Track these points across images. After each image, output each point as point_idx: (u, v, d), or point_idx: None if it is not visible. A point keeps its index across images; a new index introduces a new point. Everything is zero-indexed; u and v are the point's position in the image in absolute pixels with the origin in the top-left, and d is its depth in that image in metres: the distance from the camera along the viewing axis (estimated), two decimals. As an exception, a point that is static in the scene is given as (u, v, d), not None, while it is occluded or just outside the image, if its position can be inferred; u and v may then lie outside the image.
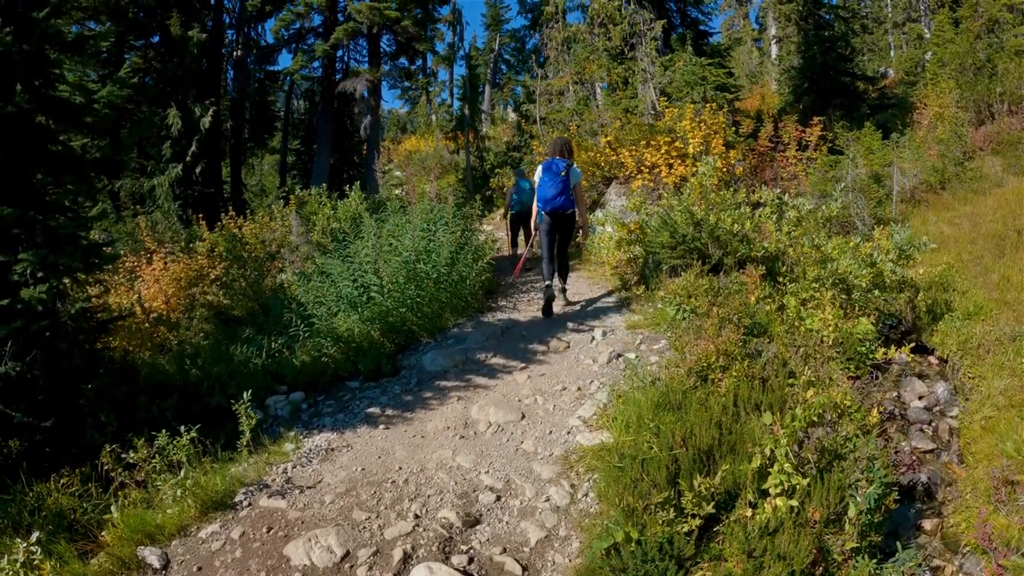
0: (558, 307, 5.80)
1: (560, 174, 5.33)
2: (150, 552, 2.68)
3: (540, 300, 5.91)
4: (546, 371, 4.41)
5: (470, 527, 2.84)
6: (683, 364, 3.68)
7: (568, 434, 3.55)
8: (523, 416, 3.80)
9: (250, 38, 16.03)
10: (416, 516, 2.89)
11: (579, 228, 5.85)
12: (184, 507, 2.93)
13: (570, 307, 5.85)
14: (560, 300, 5.83)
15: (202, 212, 10.02)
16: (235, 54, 15.47)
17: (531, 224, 6.58)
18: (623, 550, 2.42)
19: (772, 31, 21.67)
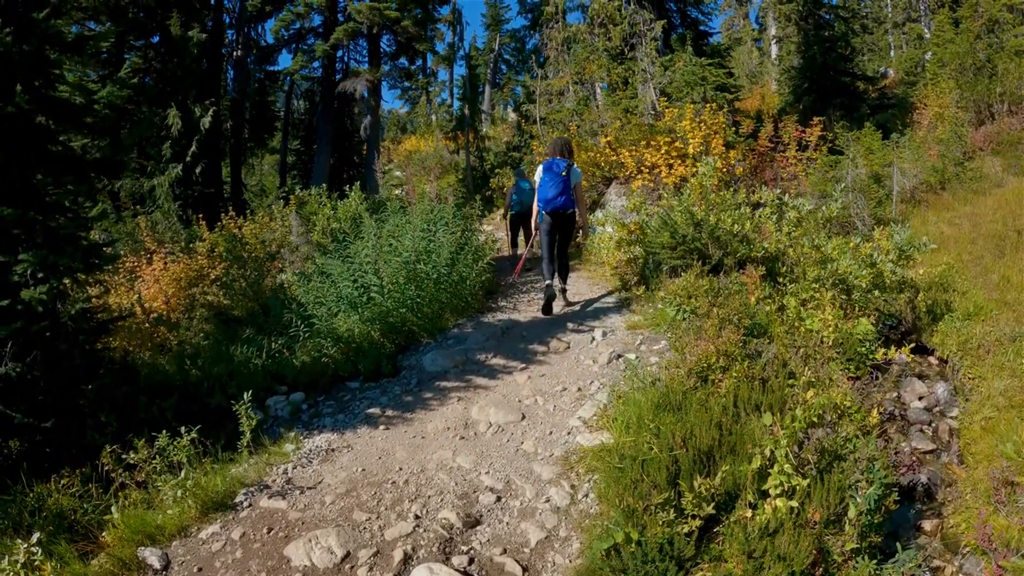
0: (558, 307, 5.81)
1: (561, 174, 5.33)
2: (150, 553, 2.68)
3: (540, 300, 5.91)
4: (546, 372, 4.42)
5: (470, 528, 2.84)
6: (683, 365, 3.68)
7: (568, 435, 3.55)
8: (523, 417, 3.81)
9: (250, 38, 16.04)
10: (416, 517, 2.90)
11: (579, 228, 5.86)
12: (184, 508, 2.93)
13: (570, 307, 5.85)
14: (560, 300, 5.83)
15: (202, 212, 10.02)
16: (235, 54, 15.48)
17: (531, 224, 6.59)
18: (623, 551, 2.42)
19: (772, 31, 21.67)
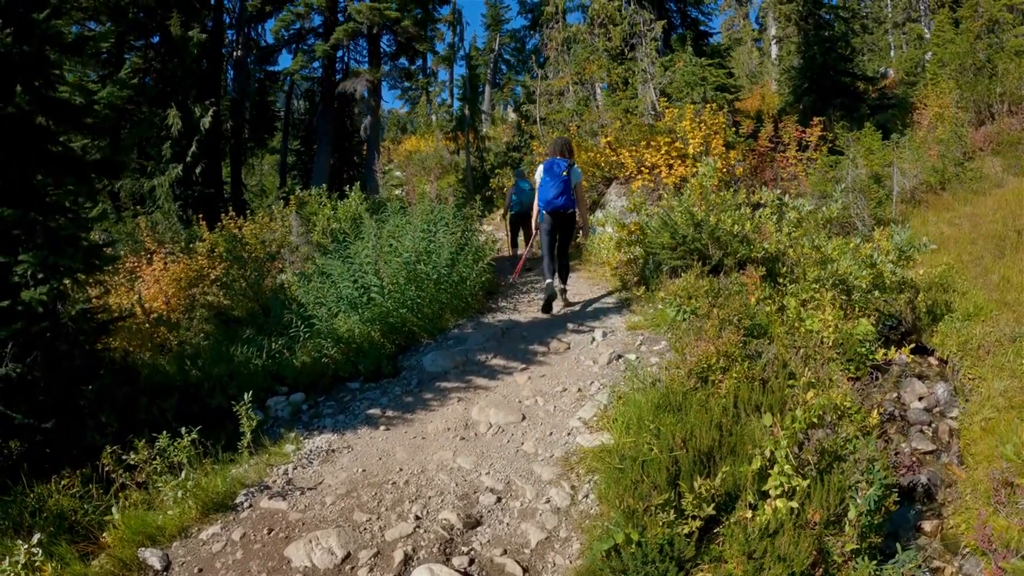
0: (558, 308, 5.81)
1: (561, 174, 5.33)
2: (151, 554, 2.68)
3: (540, 301, 5.92)
4: (546, 372, 4.42)
5: (471, 528, 2.85)
6: (683, 365, 3.68)
7: (568, 435, 3.55)
8: (524, 417, 3.81)
9: (250, 38, 16.04)
10: (417, 517, 2.90)
11: (579, 228, 5.86)
12: (185, 508, 2.93)
13: (570, 308, 5.85)
14: (560, 301, 5.84)
15: (202, 212, 10.03)
16: (235, 54, 15.48)
17: (531, 224, 6.59)
18: (623, 552, 2.42)
19: (772, 31, 21.68)
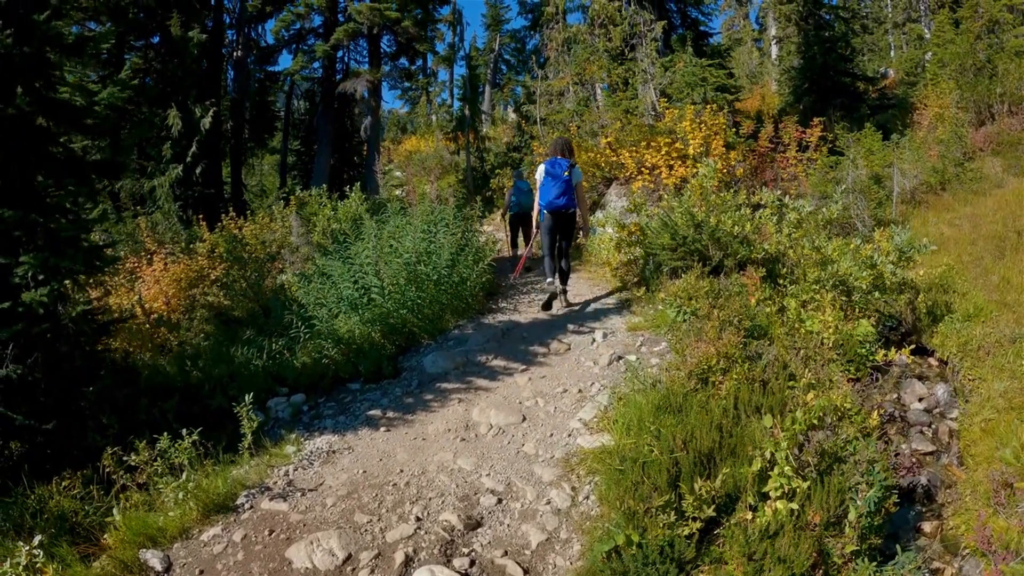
0: (558, 308, 5.82)
1: (563, 174, 5.34)
2: (152, 555, 2.68)
3: (540, 301, 5.93)
4: (547, 373, 4.42)
5: (471, 530, 2.85)
6: (684, 367, 3.68)
7: (569, 436, 3.56)
8: (524, 418, 3.81)
9: (250, 38, 16.04)
10: (417, 519, 2.90)
11: (580, 228, 5.86)
12: (186, 510, 2.93)
13: (570, 308, 5.85)
14: (561, 302, 5.84)
15: (202, 213, 10.04)
16: (235, 54, 15.48)
17: (531, 224, 6.60)
18: (624, 553, 2.42)
19: (772, 31, 21.69)
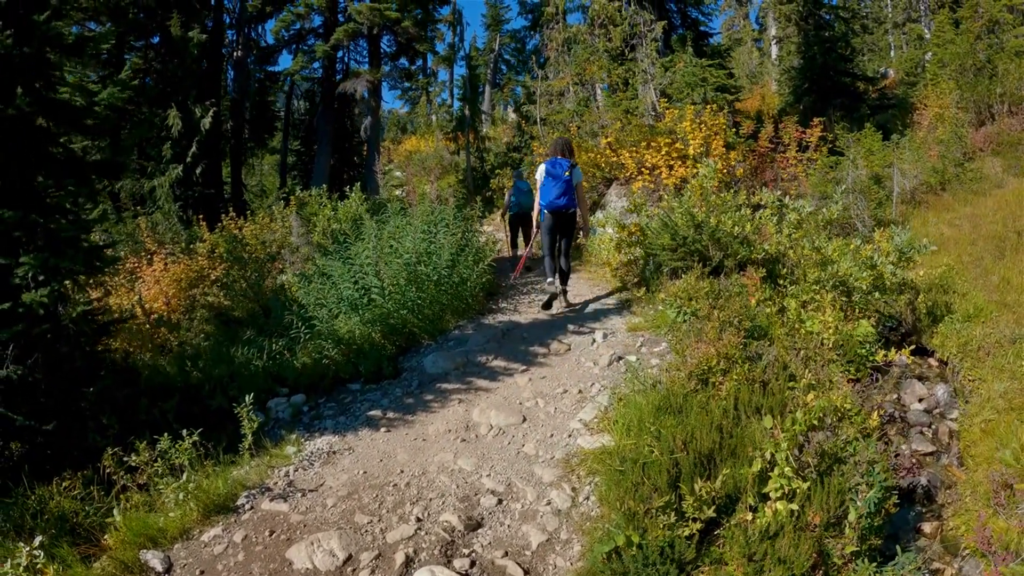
0: (558, 308, 5.82)
1: (564, 175, 5.35)
2: (152, 556, 2.69)
3: (540, 302, 5.94)
4: (547, 373, 4.42)
5: (472, 530, 2.85)
6: (684, 367, 3.68)
7: (569, 437, 3.56)
8: (524, 419, 3.81)
9: (250, 39, 16.04)
10: (418, 519, 2.90)
11: (580, 229, 5.86)
12: (186, 510, 2.93)
13: (571, 308, 5.85)
14: (561, 302, 5.85)
15: (202, 213, 10.04)
16: (235, 55, 15.48)
17: (531, 224, 6.60)
18: (624, 554, 2.43)
19: (772, 31, 21.69)
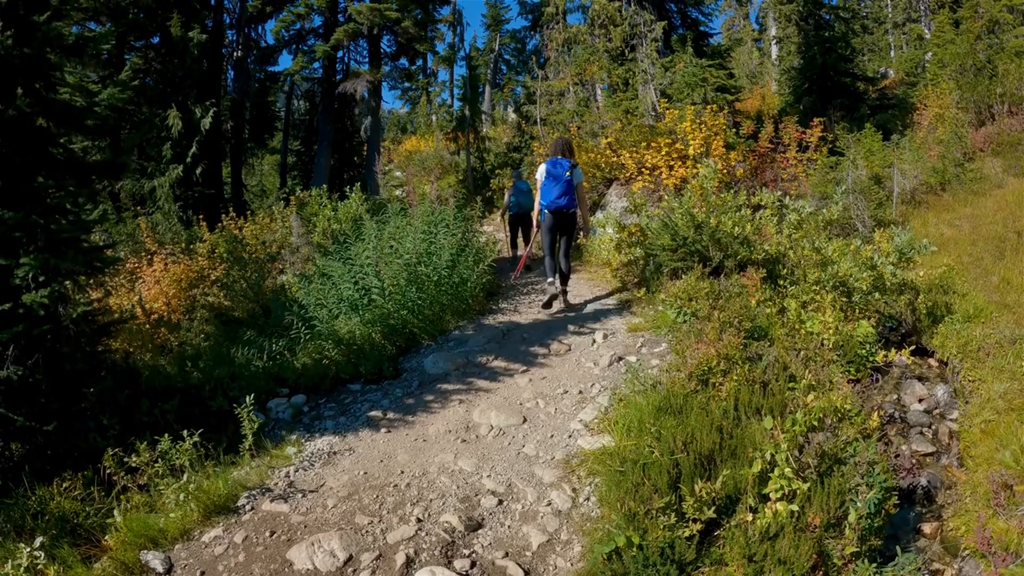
0: (558, 308, 5.82)
1: (565, 175, 5.37)
2: (153, 556, 2.69)
3: (540, 302, 5.94)
4: (547, 374, 4.42)
5: (472, 531, 2.85)
6: (684, 368, 3.68)
7: (569, 438, 3.56)
8: (524, 419, 3.81)
9: (250, 39, 16.04)
10: (418, 520, 2.90)
11: (580, 229, 5.87)
12: (187, 511, 2.93)
13: (571, 309, 5.86)
14: (561, 302, 5.85)
15: (203, 213, 10.03)
16: (235, 55, 15.47)
17: (531, 224, 6.61)
18: (624, 554, 2.43)
19: (772, 32, 21.70)
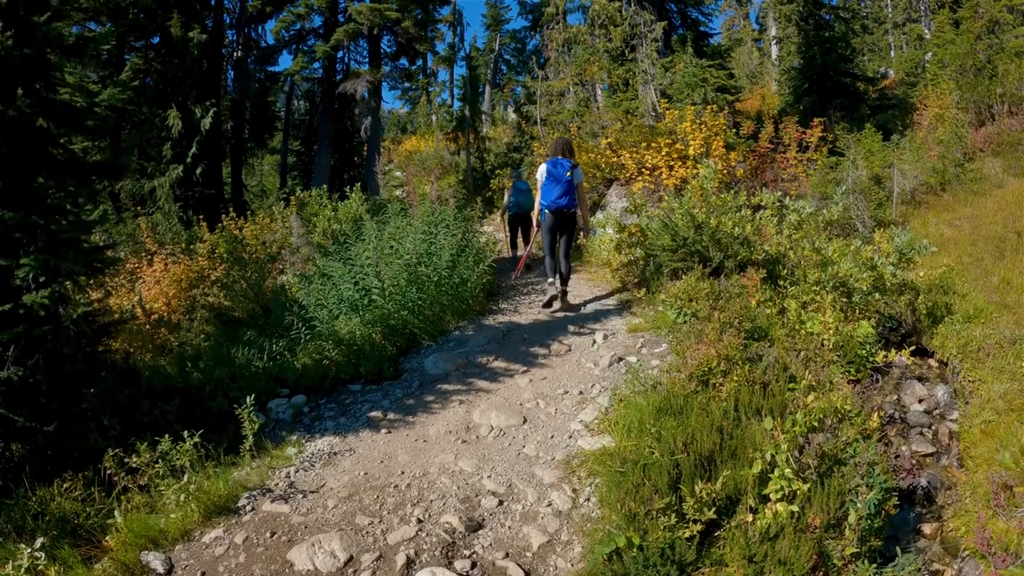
0: (558, 308, 5.82)
1: (566, 175, 5.38)
2: (154, 557, 2.69)
3: (540, 302, 5.96)
4: (547, 375, 4.42)
5: (473, 532, 2.85)
6: (684, 368, 3.68)
7: (570, 438, 3.56)
8: (525, 420, 3.81)
9: (250, 39, 16.03)
10: (419, 521, 2.90)
11: (580, 229, 5.87)
12: (187, 512, 2.93)
13: (571, 309, 5.86)
14: (561, 302, 5.86)
15: (203, 213, 10.04)
16: (235, 55, 15.47)
17: (531, 224, 6.61)
18: (625, 555, 2.43)
19: (772, 32, 21.70)
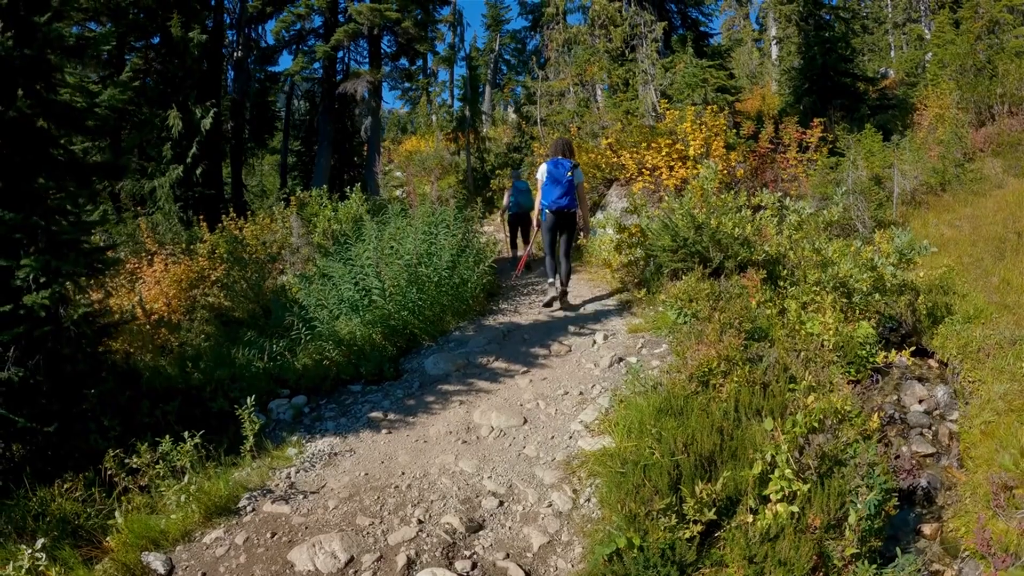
0: (558, 308, 5.83)
1: (566, 175, 5.39)
2: (154, 558, 2.69)
3: (541, 302, 5.97)
4: (548, 375, 4.43)
5: (473, 532, 2.86)
6: (684, 369, 3.69)
7: (570, 439, 3.56)
8: (525, 421, 3.82)
9: (251, 39, 16.03)
10: (420, 521, 2.91)
11: (580, 229, 5.88)
12: (188, 512, 2.94)
13: (571, 309, 5.86)
14: (561, 303, 5.86)
15: (203, 213, 10.04)
16: (236, 55, 15.47)
17: (531, 224, 6.62)
18: (625, 556, 2.43)
19: (772, 32, 21.71)
